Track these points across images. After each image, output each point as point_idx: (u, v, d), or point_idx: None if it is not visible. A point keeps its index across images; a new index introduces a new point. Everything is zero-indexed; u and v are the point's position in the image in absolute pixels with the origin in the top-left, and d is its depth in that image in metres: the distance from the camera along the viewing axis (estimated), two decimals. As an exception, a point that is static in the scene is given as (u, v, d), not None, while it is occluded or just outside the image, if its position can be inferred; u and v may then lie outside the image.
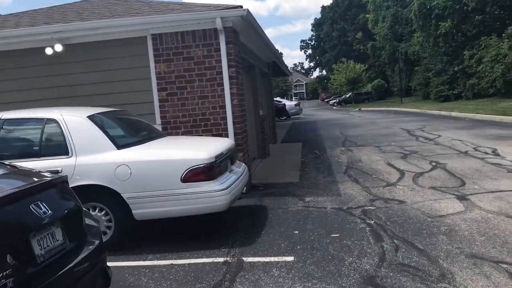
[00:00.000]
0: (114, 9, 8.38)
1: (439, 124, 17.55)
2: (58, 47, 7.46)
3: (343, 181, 8.01)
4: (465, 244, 4.47)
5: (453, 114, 21.55)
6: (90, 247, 3.02)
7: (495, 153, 9.55)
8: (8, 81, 7.75)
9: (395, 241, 4.72)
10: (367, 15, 57.60)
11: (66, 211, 2.93)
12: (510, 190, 6.40)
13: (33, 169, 3.25)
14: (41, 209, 2.64)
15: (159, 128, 7.40)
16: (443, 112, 23.17)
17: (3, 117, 5.19)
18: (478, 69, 28.81)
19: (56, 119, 5.11)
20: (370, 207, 6.11)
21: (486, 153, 9.68)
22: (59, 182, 3.02)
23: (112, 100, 7.44)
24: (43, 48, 7.48)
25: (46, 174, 3.15)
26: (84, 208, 3.46)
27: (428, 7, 32.58)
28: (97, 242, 3.11)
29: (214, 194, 4.86)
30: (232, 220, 5.95)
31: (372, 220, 5.50)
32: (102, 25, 7.30)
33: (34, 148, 5.11)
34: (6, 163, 3.21)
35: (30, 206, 2.58)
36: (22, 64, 7.70)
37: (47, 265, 2.56)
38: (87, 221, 3.29)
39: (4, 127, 5.15)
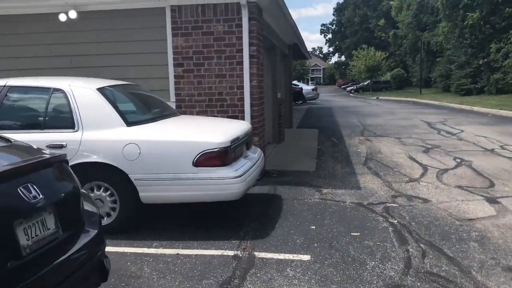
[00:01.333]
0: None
1: (460, 118, 16.95)
2: (72, 14, 7.08)
3: (362, 173, 7.59)
4: (500, 255, 4.05)
5: (475, 108, 20.86)
6: (87, 237, 2.67)
7: (524, 153, 9.04)
8: (17, 46, 7.39)
9: (421, 245, 4.32)
10: (391, 2, 56.16)
11: (61, 196, 2.58)
12: (545, 195, 5.95)
13: (29, 144, 2.88)
14: (31, 192, 2.28)
15: (173, 106, 7.03)
16: (464, 106, 22.46)
17: (7, 84, 4.84)
18: (504, 64, 27.87)
19: (64, 89, 4.75)
20: (392, 204, 5.70)
21: (514, 152, 9.17)
22: (56, 161, 2.67)
23: (125, 73, 7.07)
24: (56, 14, 7.10)
25: (43, 150, 2.80)
26: (84, 191, 3.12)
27: (457, -4, 31.49)
28: (95, 231, 2.76)
29: (228, 181, 4.48)
30: (244, 208, 5.59)
31: (395, 219, 5.09)
32: (119, -8, 6.89)
33: (39, 119, 4.76)
34: (1, 135, 2.84)
35: (18, 189, 2.22)
36: (32, 30, 7.34)
37: (34, 257, 2.21)
38: (86, 206, 2.94)
39: (8, 94, 4.81)
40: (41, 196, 2.33)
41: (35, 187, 2.32)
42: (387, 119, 17.56)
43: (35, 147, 2.86)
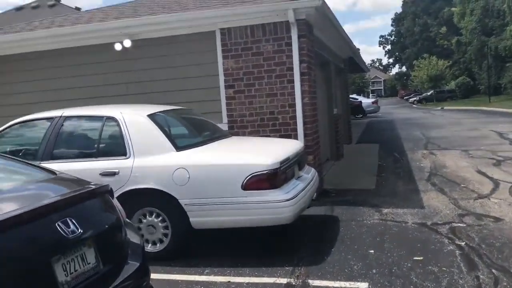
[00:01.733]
0: (184, 3, 8.12)
1: (536, 126, 15.78)
2: (127, 43, 7.30)
3: (426, 190, 7.15)
4: None
5: (552, 115, 19.38)
6: (130, 269, 2.62)
7: None
8: (77, 77, 7.71)
9: (493, 270, 3.92)
10: (453, 9, 54.12)
11: (102, 228, 2.55)
12: None
13: (73, 177, 2.90)
14: (69, 227, 2.26)
15: (225, 127, 7.01)
16: (539, 113, 20.95)
17: (63, 115, 5.02)
18: None
19: (116, 117, 4.85)
20: (459, 224, 5.28)
21: None
22: (98, 193, 2.65)
23: (178, 97, 7.17)
24: (112, 44, 7.36)
25: (86, 182, 2.79)
26: (128, 221, 3.09)
27: (524, -3, 29.73)
28: (138, 263, 2.70)
29: (278, 204, 4.33)
30: (298, 232, 5.40)
31: (463, 241, 4.69)
32: (169, 19, 7.03)
33: (92, 147, 4.87)
34: (46, 167, 2.88)
35: (56, 224, 2.21)
36: (91, 60, 7.64)
37: (73, 293, 2.18)
38: (130, 236, 2.90)
39: (64, 124, 4.98)
40: (80, 230, 2.30)
41: (74, 221, 2.30)
42: (453, 130, 16.68)
43: (79, 179, 2.87)
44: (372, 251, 4.60)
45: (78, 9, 23.91)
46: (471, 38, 47.34)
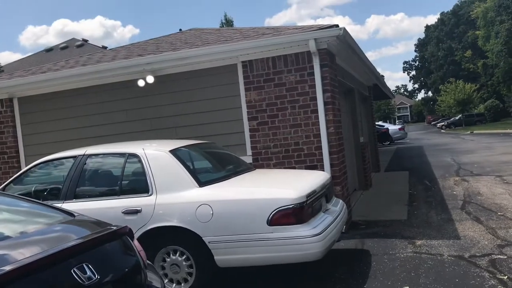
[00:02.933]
0: (205, 38, 8.20)
1: None
2: (150, 79, 7.37)
3: (460, 219, 6.83)
4: None
5: None
6: (150, 315, 2.49)
7: None
8: (102, 114, 7.79)
9: (541, 308, 3.63)
10: (477, 32, 53.64)
11: (121, 273, 2.44)
12: None
13: (92, 219, 2.82)
14: (86, 273, 2.16)
15: (250, 159, 6.92)
16: None
17: (86, 153, 5.01)
18: None
19: (138, 154, 4.81)
20: (499, 256, 4.97)
21: None
22: (116, 235, 2.55)
23: (201, 131, 7.15)
24: (135, 81, 7.44)
25: (104, 224, 2.71)
26: (149, 262, 2.98)
27: (551, 17, 29.19)
28: (158, 308, 2.57)
29: (305, 240, 4.15)
30: (328, 267, 5.17)
31: (505, 275, 4.39)
32: (191, 54, 7.06)
33: (115, 185, 4.82)
34: (64, 209, 2.81)
35: (72, 271, 2.11)
36: (115, 97, 7.73)
37: None
38: (151, 277, 2.78)
39: (87, 162, 4.97)
40: (97, 276, 2.20)
41: (90, 267, 2.20)
42: (485, 155, 16.16)
43: (97, 221, 2.78)
44: (407, 287, 4.34)
45: (104, 47, 24.62)
46: (498, 61, 46.63)
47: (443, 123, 54.83)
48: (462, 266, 4.78)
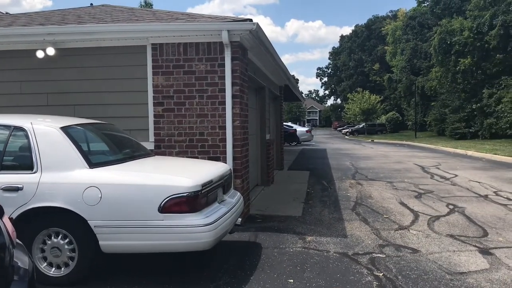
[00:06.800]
0: (116, 16, 7.82)
1: (454, 162, 16.69)
2: (50, 51, 6.87)
3: (350, 219, 7.20)
4: (494, 317, 3.65)
5: (469, 153, 20.65)
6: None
7: (519, 200, 8.70)
8: (-7, 83, 7.15)
9: (407, 303, 3.91)
10: (386, 47, 57.25)
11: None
12: (542, 247, 5.57)
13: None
14: None
15: (152, 146, 6.73)
16: (458, 150, 22.28)
17: (-35, 121, 4.54)
18: (497, 109, 28.00)
19: (25, 127, 4.44)
20: (379, 255, 5.31)
21: (508, 198, 8.84)
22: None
23: (102, 112, 6.82)
24: (35, 51, 6.90)
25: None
26: (18, 241, 2.76)
27: (449, 42, 32.02)
28: (21, 290, 2.37)
29: (197, 229, 4.11)
30: (218, 258, 5.18)
31: (381, 272, 4.69)
32: (98, 29, 6.71)
33: (-5, 159, 4.41)
34: None
35: None
36: (10, 66, 7.12)
37: None
38: (19, 258, 2.57)
39: (-33, 132, 4.49)
40: None
41: None
42: (380, 162, 17.28)
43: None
44: (292, 280, 4.47)
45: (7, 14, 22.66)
46: (401, 76, 50.20)
47: (347, 130, 57.84)
48: (345, 263, 5.03)
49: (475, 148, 21.99)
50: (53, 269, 4.28)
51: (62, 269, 4.26)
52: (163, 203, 4.06)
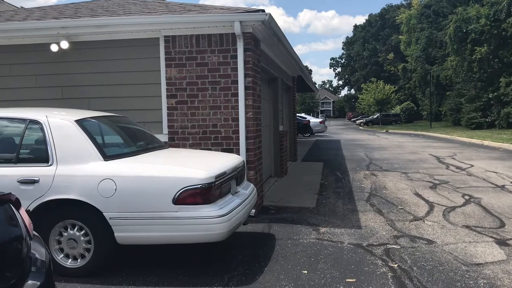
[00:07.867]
0: (128, 8, 7.83)
1: (470, 152, 16.48)
2: (64, 44, 6.92)
3: (364, 210, 7.17)
4: (511, 308, 3.61)
5: (486, 143, 20.38)
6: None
7: (537, 190, 8.57)
8: (9, 77, 7.23)
9: (422, 294, 3.89)
10: (400, 36, 56.52)
11: (-3, 243, 2.25)
12: (561, 238, 5.48)
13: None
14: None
15: (165, 138, 6.76)
16: (474, 140, 22.00)
17: (-18, 115, 4.60)
18: (514, 98, 27.50)
19: (40, 120, 4.49)
20: (393, 246, 5.28)
21: (526, 189, 8.71)
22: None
23: (116, 104, 6.85)
24: (49, 45, 6.95)
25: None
26: (35, 233, 2.79)
27: (465, 30, 31.46)
28: (39, 282, 2.41)
29: (211, 220, 4.13)
30: (232, 249, 5.20)
31: (396, 263, 4.67)
32: (111, 22, 6.72)
33: (11, 152, 4.46)
34: None
35: None
36: (25, 60, 7.18)
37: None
38: (36, 250, 2.60)
39: (-16, 126, 4.56)
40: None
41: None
42: (395, 153, 17.14)
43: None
44: (306, 271, 4.47)
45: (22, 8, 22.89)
46: (416, 66, 49.55)
47: (361, 121, 57.48)
48: (359, 254, 5.01)
49: (491, 138, 21.68)
50: (70, 260, 4.34)
51: (79, 260, 4.32)
52: (177, 194, 4.08)
